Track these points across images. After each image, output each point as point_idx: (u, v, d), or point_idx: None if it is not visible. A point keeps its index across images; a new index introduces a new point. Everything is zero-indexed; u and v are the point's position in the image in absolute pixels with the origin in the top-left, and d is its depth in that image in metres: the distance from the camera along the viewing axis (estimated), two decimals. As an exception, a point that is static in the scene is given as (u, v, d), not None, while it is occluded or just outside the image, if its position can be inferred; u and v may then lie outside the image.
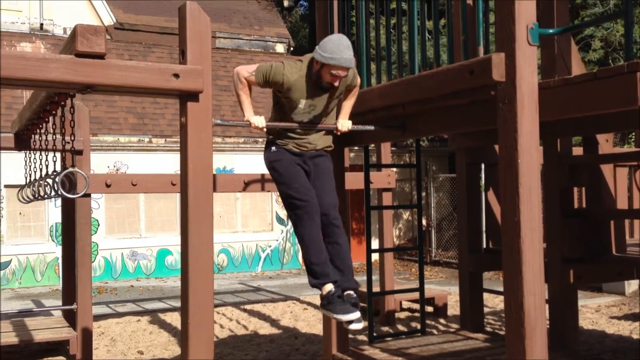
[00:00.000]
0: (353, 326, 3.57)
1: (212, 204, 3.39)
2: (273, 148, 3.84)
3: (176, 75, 3.21)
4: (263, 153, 3.97)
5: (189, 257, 3.30)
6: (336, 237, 3.72)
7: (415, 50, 3.92)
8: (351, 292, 3.66)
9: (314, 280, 3.66)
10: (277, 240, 14.45)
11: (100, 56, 3.02)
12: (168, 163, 12.67)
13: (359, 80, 3.96)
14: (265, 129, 3.79)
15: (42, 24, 14.46)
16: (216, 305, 9.50)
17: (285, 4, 24.23)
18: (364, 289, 5.75)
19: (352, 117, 4.03)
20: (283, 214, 13.97)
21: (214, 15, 16.98)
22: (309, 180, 3.80)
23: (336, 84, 3.68)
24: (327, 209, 3.72)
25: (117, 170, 12.92)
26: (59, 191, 3.68)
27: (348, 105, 3.97)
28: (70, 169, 3.60)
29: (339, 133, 3.97)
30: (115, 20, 15.12)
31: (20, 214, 12.28)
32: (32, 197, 4.97)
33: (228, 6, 17.69)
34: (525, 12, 3.07)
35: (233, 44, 16.37)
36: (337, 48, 3.57)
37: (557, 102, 3.16)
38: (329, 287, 3.60)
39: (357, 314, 3.54)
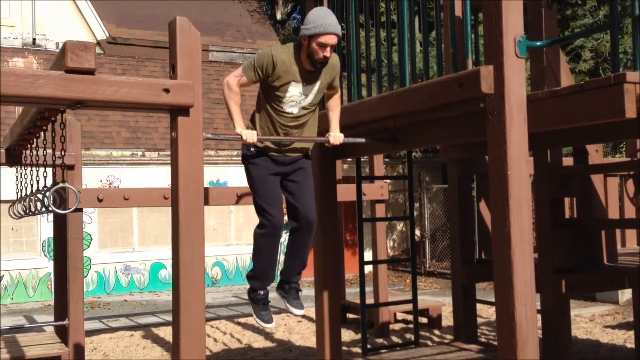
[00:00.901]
0: (295, 311, 4.00)
1: (203, 218, 3.39)
2: (252, 148, 3.84)
3: (166, 90, 3.21)
4: (241, 147, 3.93)
5: (180, 271, 3.30)
6: (306, 241, 3.94)
7: (406, 62, 3.95)
8: (297, 282, 4.04)
9: (252, 281, 3.97)
10: (271, 252, 14.41)
11: (90, 72, 3.02)
12: (161, 176, 12.66)
13: (338, 86, 4.01)
14: (256, 143, 3.80)
15: (34, 39, 14.47)
16: (210, 319, 9.45)
17: (278, 17, 24.35)
18: (357, 300, 5.74)
19: (343, 129, 4.05)
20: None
21: (207, 29, 17.05)
22: (287, 185, 3.89)
23: (327, 53, 3.65)
24: (306, 213, 3.85)
25: (110, 184, 12.89)
26: (49, 207, 3.67)
27: (335, 117, 4.00)
28: (61, 184, 3.60)
29: (330, 146, 4.00)
30: (108, 35, 15.14)
31: (12, 229, 12.22)
32: (22, 213, 4.95)
33: (221, 19, 17.76)
34: (513, 25, 3.09)
35: (226, 57, 16.41)
36: (319, 17, 3.62)
37: (545, 113, 3.18)
38: (261, 292, 3.97)
39: (272, 324, 3.97)
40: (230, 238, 14.17)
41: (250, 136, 3.71)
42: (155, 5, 16.67)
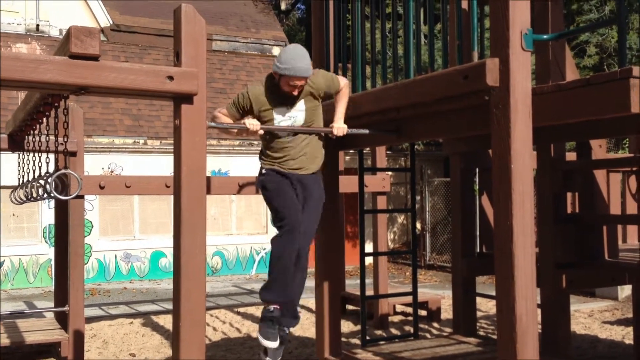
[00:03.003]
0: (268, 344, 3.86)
1: (206, 207, 3.38)
2: (263, 171, 3.94)
3: (170, 78, 3.20)
4: (256, 178, 4.07)
5: (181, 259, 3.30)
6: (299, 270, 3.86)
7: (411, 54, 3.93)
8: (285, 329, 3.92)
9: (267, 294, 3.85)
10: (271, 243, 14.43)
11: (94, 58, 3.01)
12: (163, 165, 12.66)
13: (342, 82, 3.99)
14: (260, 132, 3.80)
15: (38, 25, 14.43)
16: (209, 308, 9.48)
17: (283, 7, 24.26)
18: (357, 292, 5.75)
19: (347, 120, 4.04)
20: (278, 216, 13.95)
21: (211, 18, 16.99)
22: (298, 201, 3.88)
23: (295, 92, 3.75)
24: (301, 242, 3.81)
25: (112, 171, 12.90)
26: (51, 193, 3.67)
27: (341, 108, 3.99)
28: (63, 171, 3.59)
29: (334, 137, 3.99)
30: (111, 22, 15.10)
31: (13, 215, 12.24)
32: (24, 199, 4.95)
33: (225, 9, 17.69)
34: (520, 17, 3.08)
35: (230, 47, 16.37)
36: (291, 58, 3.67)
37: (550, 107, 3.16)
38: (274, 306, 3.83)
39: (275, 344, 3.84)
40: (231, 227, 14.18)
41: (254, 125, 3.73)
42: (159, -7, 16.60)
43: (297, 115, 3.86)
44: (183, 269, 3.30)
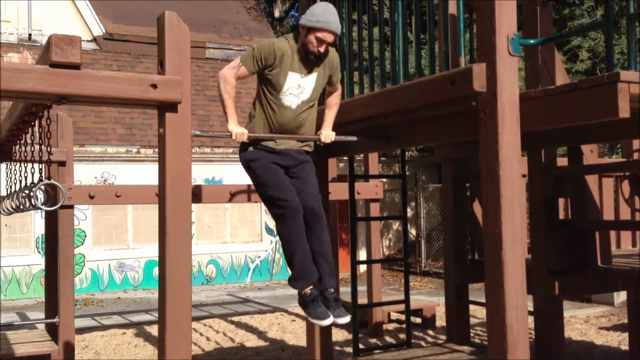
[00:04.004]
0: (340, 321, 3.63)
1: (191, 217, 3.33)
2: (250, 148, 3.76)
3: (154, 86, 3.15)
4: (239, 151, 3.88)
5: (166, 270, 3.24)
6: (319, 232, 3.70)
7: (400, 60, 3.90)
8: (331, 289, 3.70)
9: (295, 283, 3.68)
10: (266, 251, 14.38)
11: (76, 66, 2.96)
12: (156, 174, 12.53)
13: (339, 86, 3.94)
14: (246, 140, 3.74)
15: (30, 34, 14.39)
16: (203, 317, 9.41)
17: (276, 14, 24.27)
18: (349, 299, 5.70)
19: (335, 127, 3.99)
20: (272, 224, 13.89)
21: (203, 26, 16.98)
22: (289, 178, 3.74)
23: (322, 49, 3.64)
24: (310, 203, 3.68)
25: (105, 180, 12.83)
26: (35, 204, 3.62)
27: (331, 115, 3.94)
28: (46, 181, 3.54)
29: (321, 144, 3.94)
30: (104, 31, 15.06)
31: (6, 225, 12.15)
32: (12, 209, 4.88)
33: (218, 16, 17.69)
34: (506, 22, 3.05)
35: (223, 54, 16.34)
36: (323, 12, 3.59)
37: (538, 113, 3.13)
38: (309, 289, 3.66)
39: (330, 320, 3.60)
40: (225, 236, 14.12)
41: (240, 135, 3.65)
42: (152, 2, 16.59)
43: (306, 86, 3.73)
44: (168, 280, 3.24)
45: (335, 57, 3.85)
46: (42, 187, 3.62)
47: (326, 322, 3.60)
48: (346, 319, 3.65)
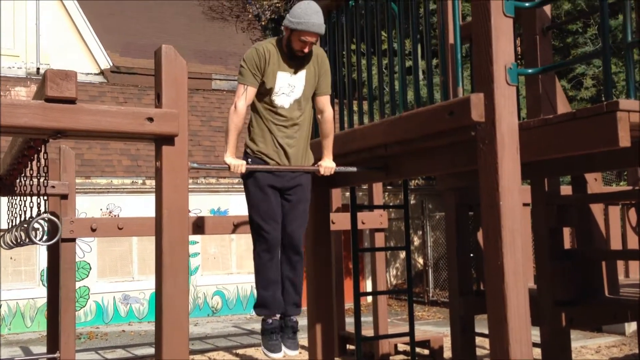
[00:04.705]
0: (289, 352, 3.83)
1: (188, 250, 3.29)
2: (249, 160, 3.79)
3: (150, 119, 3.15)
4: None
5: (163, 303, 3.19)
6: (293, 261, 3.81)
7: (401, 90, 3.89)
8: (294, 318, 3.85)
9: (258, 310, 3.82)
10: (272, 281, 14.24)
11: (71, 101, 2.96)
12: (161, 205, 12.55)
13: (330, 108, 3.94)
14: (244, 171, 3.73)
15: (38, 69, 14.55)
16: (207, 350, 9.29)
17: (282, 45, 24.51)
18: (352, 330, 5.59)
19: (335, 158, 3.97)
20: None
21: (210, 58, 17.16)
22: (282, 202, 3.79)
23: (306, 50, 3.66)
24: (291, 229, 3.77)
25: (110, 212, 12.83)
26: (33, 238, 3.59)
27: (328, 145, 3.92)
28: (43, 216, 3.52)
29: (321, 175, 3.92)
30: (111, 64, 15.23)
31: (11, 258, 12.13)
32: (12, 244, 4.87)
33: (224, 48, 17.88)
34: (503, 52, 3.03)
35: (229, 86, 16.47)
36: (304, 13, 3.59)
37: (538, 142, 3.09)
38: (273, 318, 3.80)
39: (280, 355, 3.76)
40: (231, 266, 14.02)
41: (238, 166, 3.65)
42: (159, 35, 16.80)
43: (296, 84, 3.76)
44: (165, 314, 3.19)
45: (323, 55, 3.86)
46: (40, 221, 3.60)
47: (276, 355, 3.75)
48: (294, 352, 3.82)
